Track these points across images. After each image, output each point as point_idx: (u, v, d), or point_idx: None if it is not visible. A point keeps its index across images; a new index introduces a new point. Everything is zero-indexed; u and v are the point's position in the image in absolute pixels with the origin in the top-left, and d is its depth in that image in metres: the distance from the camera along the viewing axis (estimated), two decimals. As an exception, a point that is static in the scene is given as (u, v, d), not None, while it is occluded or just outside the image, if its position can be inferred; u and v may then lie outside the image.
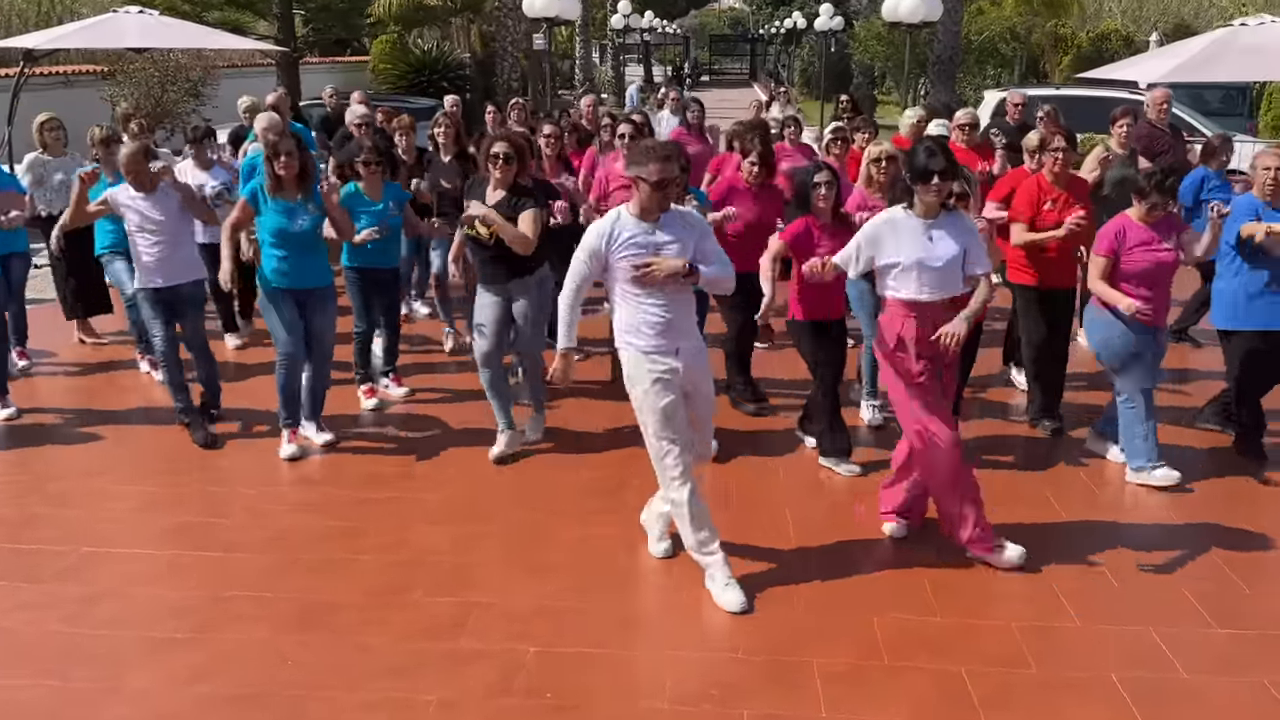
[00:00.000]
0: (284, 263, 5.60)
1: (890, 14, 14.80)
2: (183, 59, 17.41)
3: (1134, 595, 4.31)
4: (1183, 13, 29.85)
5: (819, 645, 3.93)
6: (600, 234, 4.16)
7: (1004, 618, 4.13)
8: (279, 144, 5.51)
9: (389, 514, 5.05)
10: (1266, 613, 4.18)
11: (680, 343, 4.20)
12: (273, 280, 5.64)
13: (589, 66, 28.51)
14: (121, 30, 10.99)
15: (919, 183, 4.29)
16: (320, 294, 5.73)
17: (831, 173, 5.37)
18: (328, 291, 5.77)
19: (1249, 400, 5.62)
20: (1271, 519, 5.00)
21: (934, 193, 4.28)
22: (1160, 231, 5.20)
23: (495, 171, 5.42)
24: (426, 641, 3.97)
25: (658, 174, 4.05)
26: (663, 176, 4.05)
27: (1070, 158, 5.83)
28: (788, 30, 39.68)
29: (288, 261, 5.59)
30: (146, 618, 4.13)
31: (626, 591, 4.37)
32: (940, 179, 4.24)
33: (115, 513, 5.09)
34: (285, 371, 5.69)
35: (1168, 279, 5.28)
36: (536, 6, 15.01)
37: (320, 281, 5.72)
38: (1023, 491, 5.28)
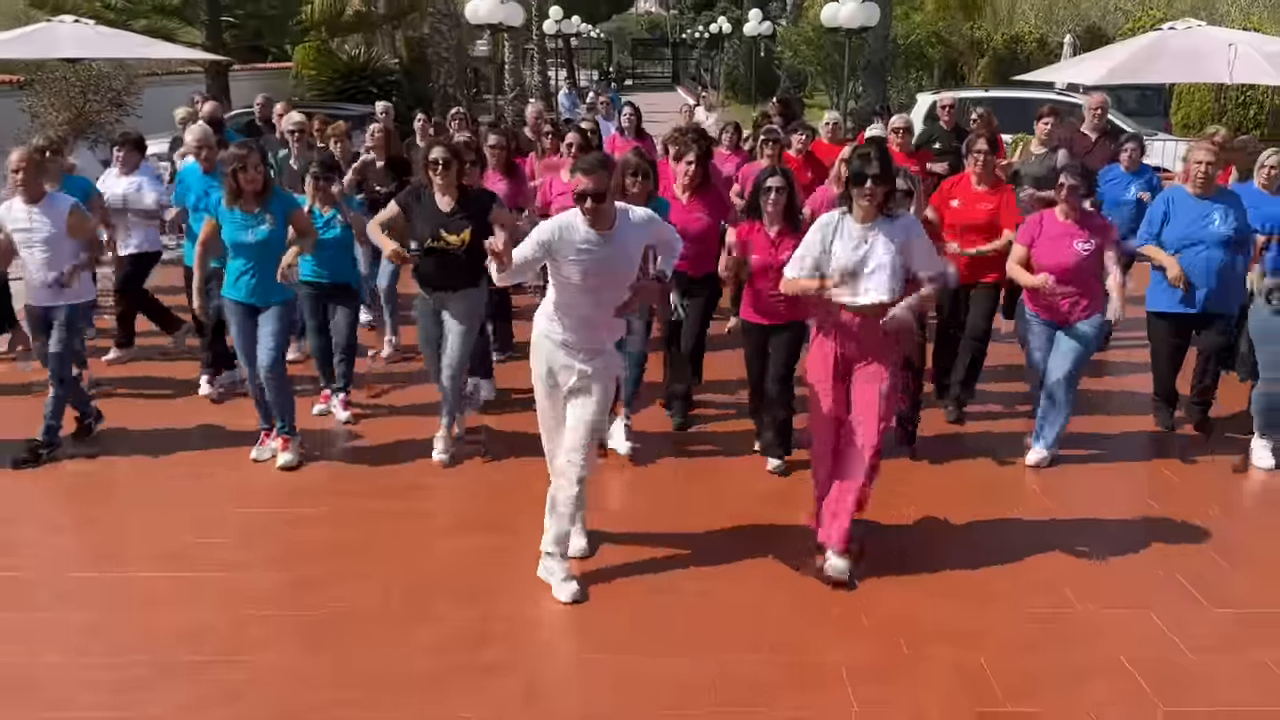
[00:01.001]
0: (242, 276, 5.55)
1: (830, 20, 15.09)
2: (105, 68, 16.91)
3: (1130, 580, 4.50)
4: (1091, 15, 30.86)
5: (842, 644, 4.04)
6: (553, 231, 4.17)
7: (1012, 608, 4.28)
8: (247, 158, 5.44)
9: (395, 528, 5.01)
10: (1252, 591, 4.40)
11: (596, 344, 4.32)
12: (231, 293, 5.60)
13: (519, 71, 28.39)
14: (56, 40, 10.71)
15: (854, 186, 4.33)
16: (273, 306, 5.60)
17: (785, 177, 5.41)
18: (285, 307, 5.66)
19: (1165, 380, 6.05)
20: (1236, 500, 5.27)
21: (867, 197, 4.31)
22: (1082, 228, 5.39)
23: (437, 179, 5.45)
24: (450, 655, 3.97)
25: (581, 185, 4.08)
26: (583, 189, 4.07)
27: (992, 160, 6.05)
28: (712, 35, 40.00)
29: (246, 275, 5.54)
30: (157, 643, 4.05)
31: (645, 597, 4.40)
32: (873, 183, 4.26)
33: (102, 537, 4.97)
34: (251, 386, 5.77)
35: (1086, 275, 5.43)
36: (480, 14, 14.96)
37: (280, 296, 5.63)
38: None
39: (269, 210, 5.48)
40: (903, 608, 4.27)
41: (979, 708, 3.65)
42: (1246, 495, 5.49)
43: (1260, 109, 20.10)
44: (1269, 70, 9.29)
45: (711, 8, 42.51)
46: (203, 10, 17.56)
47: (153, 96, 18.25)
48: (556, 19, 30.11)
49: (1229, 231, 5.67)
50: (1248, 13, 24.41)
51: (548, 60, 36.09)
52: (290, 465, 5.68)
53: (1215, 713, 3.63)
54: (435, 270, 5.54)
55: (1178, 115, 20.75)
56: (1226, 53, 9.33)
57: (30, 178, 5.57)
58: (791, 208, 5.38)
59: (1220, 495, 5.36)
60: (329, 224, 6.14)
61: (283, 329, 5.66)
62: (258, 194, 5.45)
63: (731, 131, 8.84)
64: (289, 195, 5.77)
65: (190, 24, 18.37)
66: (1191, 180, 5.82)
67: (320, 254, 6.05)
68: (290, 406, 5.76)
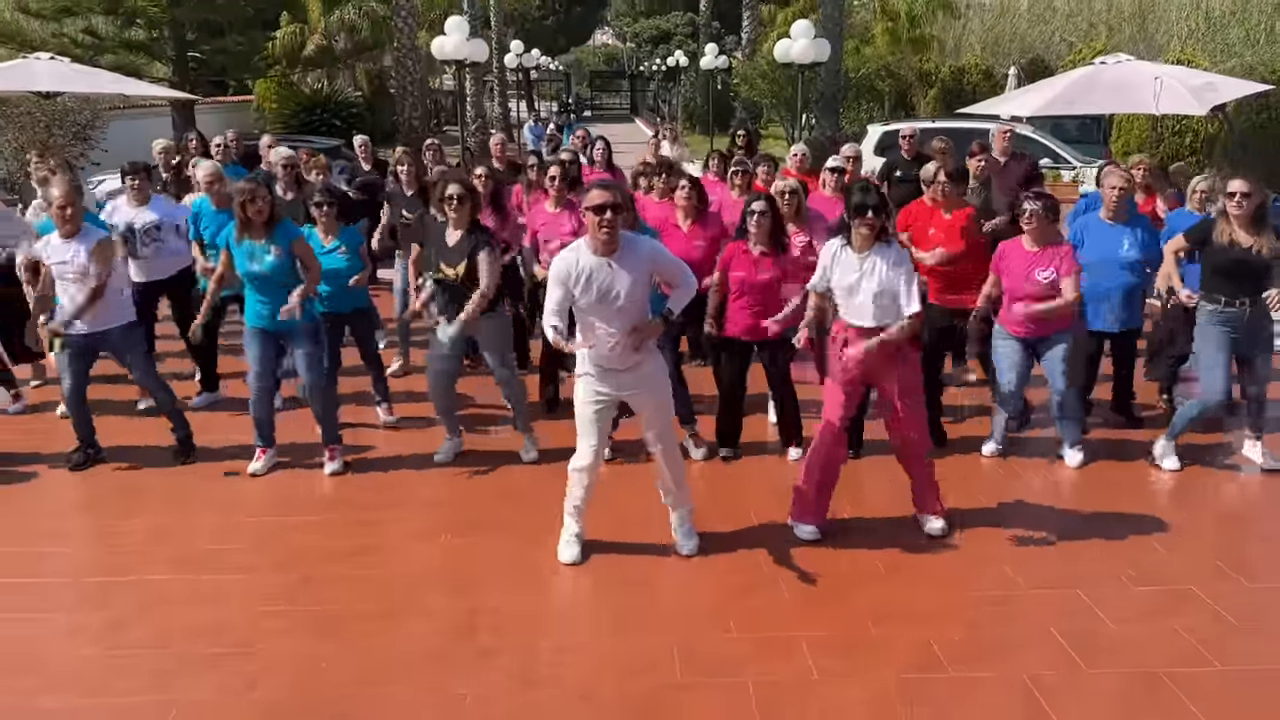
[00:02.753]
0: (258, 304, 5.91)
1: (783, 55, 15.70)
2: (70, 102, 17.13)
3: (1068, 562, 4.98)
4: (1036, 47, 31.93)
5: (804, 621, 4.47)
6: (566, 264, 4.50)
7: (962, 590, 4.74)
8: (255, 191, 5.81)
9: (392, 531, 5.38)
10: (1177, 570, 4.90)
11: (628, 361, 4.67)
12: (248, 319, 6.00)
13: (480, 103, 28.87)
14: (33, 75, 10.96)
15: (855, 218, 4.85)
16: (297, 332, 5.95)
17: (768, 201, 5.87)
18: (308, 328, 5.98)
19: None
20: (1167, 495, 5.79)
21: (867, 226, 4.83)
22: (1044, 258, 5.82)
23: (451, 213, 5.79)
24: (447, 641, 4.35)
25: (596, 199, 4.36)
26: (603, 202, 4.35)
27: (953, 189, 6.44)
28: (670, 67, 40.79)
29: (261, 303, 5.90)
30: (179, 635, 4.39)
31: (624, 587, 4.81)
32: (874, 214, 4.80)
33: (122, 545, 5.29)
34: (255, 399, 6.08)
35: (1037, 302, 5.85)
36: (447, 50, 15.37)
37: (296, 320, 5.90)
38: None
39: (274, 241, 5.84)
40: (867, 591, 4.71)
41: (929, 674, 4.09)
42: (1197, 489, 5.99)
43: (1196, 137, 21.00)
44: (1192, 102, 9.93)
45: (668, 41, 43.37)
46: (169, 46, 17.84)
47: (118, 130, 18.48)
48: (518, 53, 30.68)
49: (1137, 255, 6.21)
50: (1184, 44, 25.46)
51: (508, 92, 36.64)
52: (338, 472, 6.10)
53: (1132, 674, 4.10)
54: (445, 300, 5.87)
55: (1118, 143, 21.60)
56: (1153, 85, 9.97)
57: (76, 214, 5.92)
58: (776, 230, 5.84)
59: (1146, 490, 5.88)
60: (333, 252, 6.48)
61: (314, 348, 6.04)
62: (264, 225, 5.81)
63: (717, 160, 9.07)
64: (292, 225, 6.11)
65: (157, 59, 18.64)
66: (1106, 204, 6.33)
67: (331, 283, 6.41)
68: (334, 419, 6.24)
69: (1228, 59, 23.47)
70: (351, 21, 24.90)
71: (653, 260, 4.60)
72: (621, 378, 4.70)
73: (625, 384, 4.73)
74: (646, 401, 4.82)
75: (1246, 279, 5.67)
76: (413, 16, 20.57)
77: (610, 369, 4.68)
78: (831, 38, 18.01)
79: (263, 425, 6.16)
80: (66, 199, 5.84)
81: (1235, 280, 5.69)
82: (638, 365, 4.69)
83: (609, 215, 4.39)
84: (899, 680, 4.04)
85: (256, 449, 6.19)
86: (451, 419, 6.30)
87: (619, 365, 4.66)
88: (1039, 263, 5.80)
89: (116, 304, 6.11)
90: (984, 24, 35.41)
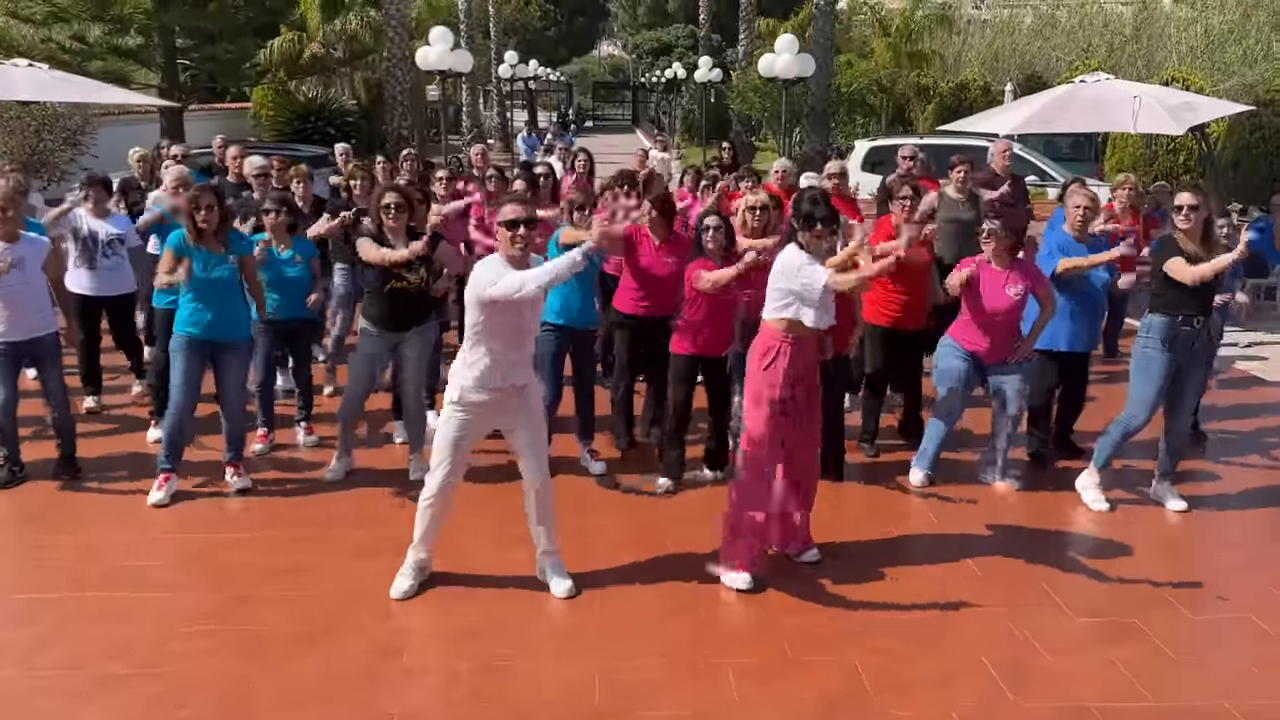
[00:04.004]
0: (199, 312, 5.77)
1: (767, 70, 15.66)
2: (60, 108, 17.14)
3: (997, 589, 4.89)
4: (1035, 65, 31.92)
5: (732, 647, 4.38)
6: (491, 274, 4.38)
7: (891, 614, 4.65)
8: (200, 198, 5.73)
9: (323, 551, 5.30)
10: (1118, 602, 4.81)
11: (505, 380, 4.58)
12: (187, 328, 5.79)
13: (477, 113, 28.91)
14: (11, 83, 10.94)
15: (805, 230, 4.78)
16: (234, 347, 5.89)
17: (721, 216, 5.85)
18: (242, 345, 5.95)
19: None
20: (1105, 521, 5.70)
21: (817, 239, 4.77)
22: (1014, 275, 5.85)
23: (389, 221, 5.69)
24: (372, 661, 4.27)
25: (509, 214, 4.39)
26: (516, 217, 4.34)
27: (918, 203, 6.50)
28: (669, 79, 40.84)
29: (204, 311, 5.77)
30: (97, 656, 4.32)
31: (550, 608, 4.74)
32: (822, 225, 4.73)
33: (51, 560, 5.21)
34: (173, 419, 5.83)
35: (1005, 320, 5.89)
36: (430, 60, 15.36)
37: (235, 334, 5.88)
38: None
39: (232, 252, 5.79)
40: (795, 617, 4.62)
41: (854, 703, 4.01)
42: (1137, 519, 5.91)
43: (1190, 155, 20.94)
44: (1170, 121, 9.89)
45: (669, 53, 43.42)
46: (159, 53, 17.84)
47: (108, 136, 18.48)
48: (512, 63, 30.75)
49: (1106, 274, 6.14)
50: (1182, 62, 25.42)
51: (506, 102, 36.74)
52: (246, 488, 5.96)
53: (1063, 709, 4.01)
54: (397, 309, 5.82)
55: (1111, 161, 21.56)
56: (1132, 104, 9.92)
57: (14, 215, 5.82)
58: (730, 245, 5.79)
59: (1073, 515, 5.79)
60: (289, 262, 6.42)
61: (246, 363, 6.02)
62: (216, 234, 5.73)
63: (692, 174, 9.19)
64: (243, 238, 6.05)
65: (146, 66, 18.64)
66: (1069, 222, 6.26)
67: (283, 291, 6.37)
68: (244, 435, 6.12)
69: (1227, 78, 23.41)
70: (352, 30, 24.92)
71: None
72: (502, 403, 4.61)
73: (505, 409, 4.63)
74: (522, 430, 4.70)
75: (1198, 295, 5.55)
76: (404, 26, 20.59)
77: (494, 390, 4.56)
78: (822, 52, 18.00)
79: (175, 445, 5.86)
80: (6, 201, 5.75)
81: (1190, 296, 5.56)
82: (522, 389, 4.62)
83: (522, 230, 4.35)
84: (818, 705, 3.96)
85: (160, 474, 5.85)
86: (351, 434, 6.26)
87: (501, 384, 4.55)
88: (1010, 280, 5.85)
89: (47, 311, 6.03)
90: (984, 40, 35.47)
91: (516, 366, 4.59)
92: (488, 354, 4.49)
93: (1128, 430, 5.74)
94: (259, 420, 6.68)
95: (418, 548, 4.87)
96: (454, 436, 4.62)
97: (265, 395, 6.68)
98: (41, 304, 5.98)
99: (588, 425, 6.43)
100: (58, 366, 6.14)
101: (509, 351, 4.50)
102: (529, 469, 4.74)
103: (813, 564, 5.13)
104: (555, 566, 4.89)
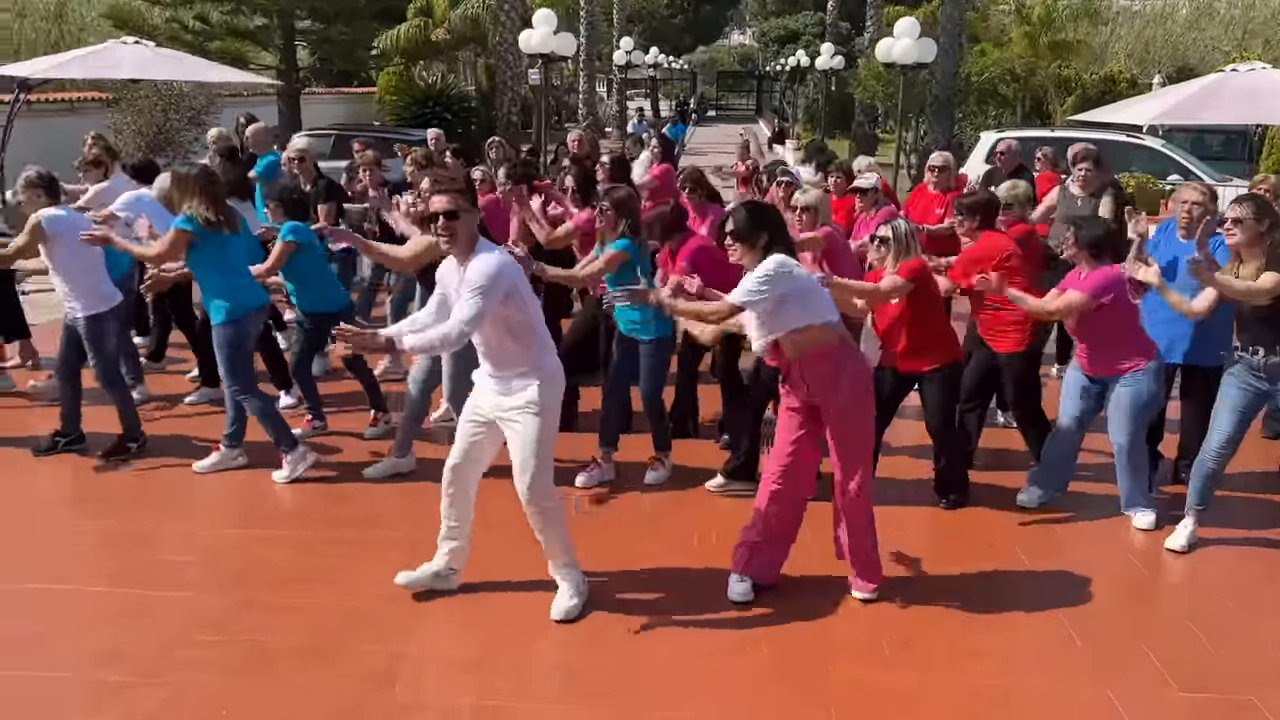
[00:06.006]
0: None
1: (884, 55, 14.84)
2: (185, 87, 17.54)
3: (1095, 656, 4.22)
4: (1188, 56, 29.98)
5: (768, 706, 3.84)
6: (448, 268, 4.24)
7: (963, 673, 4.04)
8: None
9: (349, 555, 4.97)
10: (1236, 674, 4.08)
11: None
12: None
13: (592, 101, 28.66)
14: (116, 61, 11.06)
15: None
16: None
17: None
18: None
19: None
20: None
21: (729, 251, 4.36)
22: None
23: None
24: (365, 692, 3.89)
25: (433, 205, 4.06)
26: (434, 209, 4.04)
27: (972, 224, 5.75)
28: (793, 68, 39.92)
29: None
30: (91, 660, 4.06)
31: (570, 641, 4.27)
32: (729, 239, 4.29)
33: (76, 548, 5.03)
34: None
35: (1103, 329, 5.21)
36: (533, 43, 15.09)
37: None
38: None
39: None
40: (848, 667, 4.06)
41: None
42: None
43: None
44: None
45: (796, 41, 42.37)
46: (276, 35, 18.06)
47: (231, 116, 18.85)
48: (627, 50, 30.30)
49: None
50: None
51: (627, 91, 36.43)
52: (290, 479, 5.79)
53: None
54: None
55: (1269, 161, 19.93)
56: (1289, 95, 8.91)
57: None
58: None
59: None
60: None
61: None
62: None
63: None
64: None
65: (264, 48, 18.92)
66: (1177, 222, 5.56)
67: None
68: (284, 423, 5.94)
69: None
70: (474, 14, 24.89)
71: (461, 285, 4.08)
72: (498, 396, 4.24)
73: (501, 405, 4.23)
74: (512, 432, 4.24)
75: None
76: (515, 11, 20.39)
77: (491, 377, 4.27)
78: (949, 39, 17.04)
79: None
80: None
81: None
82: (509, 382, 4.20)
83: (441, 222, 4.03)
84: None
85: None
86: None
87: (491, 374, 4.26)
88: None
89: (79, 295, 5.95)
90: (1133, 30, 33.48)
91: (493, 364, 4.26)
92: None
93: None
94: (305, 406, 6.54)
95: (440, 552, 4.58)
96: (463, 420, 4.44)
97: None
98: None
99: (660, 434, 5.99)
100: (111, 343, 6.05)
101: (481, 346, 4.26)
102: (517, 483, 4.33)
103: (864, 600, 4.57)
104: (559, 582, 4.48)
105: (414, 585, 4.55)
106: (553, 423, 4.27)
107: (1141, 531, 5.32)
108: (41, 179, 5.90)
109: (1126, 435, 5.24)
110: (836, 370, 4.28)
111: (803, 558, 4.83)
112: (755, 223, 4.25)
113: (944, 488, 5.60)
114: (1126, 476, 5.39)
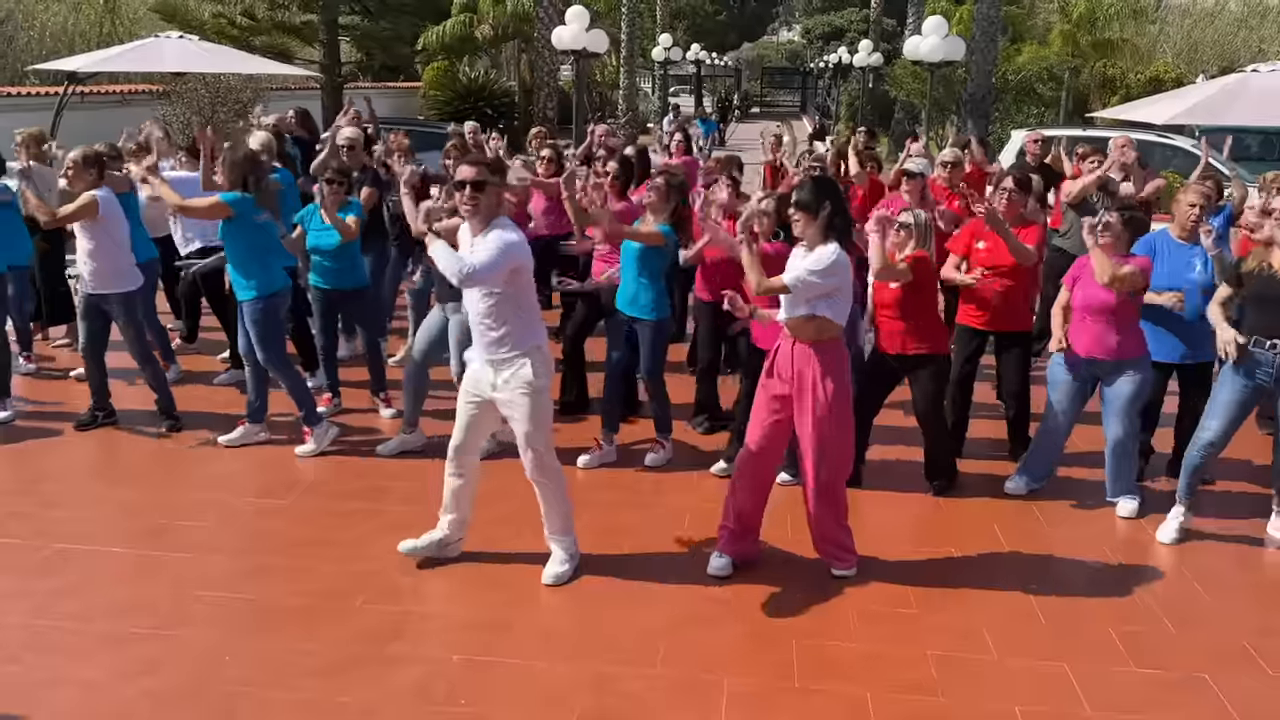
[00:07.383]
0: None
1: (911, 53, 14.89)
2: (233, 81, 18.02)
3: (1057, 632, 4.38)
4: (1239, 56, 29.43)
5: (734, 665, 4.06)
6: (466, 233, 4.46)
7: (917, 648, 4.22)
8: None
9: (356, 524, 5.26)
10: (1193, 653, 4.22)
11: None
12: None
13: (633, 96, 28.82)
14: (161, 55, 11.46)
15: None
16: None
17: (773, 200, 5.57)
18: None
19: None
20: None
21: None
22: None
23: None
24: (361, 645, 4.16)
25: (460, 175, 4.27)
26: (461, 177, 4.26)
27: (1018, 199, 5.90)
28: (835, 65, 39.82)
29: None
30: (108, 613, 4.37)
31: (560, 606, 4.53)
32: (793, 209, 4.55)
33: (100, 514, 5.36)
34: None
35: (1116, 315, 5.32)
36: (565, 40, 15.30)
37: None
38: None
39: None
40: (811, 640, 4.26)
41: (848, 742, 3.63)
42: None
43: None
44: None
45: (841, 38, 42.27)
46: (321, 30, 18.47)
47: (277, 109, 19.28)
48: (666, 46, 30.40)
49: (1209, 279, 5.45)
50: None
51: (673, 87, 36.55)
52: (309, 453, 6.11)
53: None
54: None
55: (1306, 161, 19.63)
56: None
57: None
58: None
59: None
60: (330, 229, 6.43)
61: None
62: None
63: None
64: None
65: (309, 43, 19.34)
66: (1180, 222, 5.62)
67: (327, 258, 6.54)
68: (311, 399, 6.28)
69: None
70: (526, 11, 25.20)
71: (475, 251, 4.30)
72: (493, 376, 4.47)
73: (497, 385, 4.47)
74: (514, 412, 4.50)
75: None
76: (553, 7, 20.64)
77: (485, 360, 4.50)
78: (984, 36, 16.99)
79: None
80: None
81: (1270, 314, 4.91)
82: (506, 363, 4.43)
83: (467, 190, 4.26)
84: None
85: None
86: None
87: (485, 354, 4.48)
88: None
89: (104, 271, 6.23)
90: (1181, 29, 32.94)
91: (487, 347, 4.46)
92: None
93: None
94: (324, 384, 6.86)
95: (441, 522, 4.84)
96: (460, 400, 4.68)
97: (326, 358, 6.84)
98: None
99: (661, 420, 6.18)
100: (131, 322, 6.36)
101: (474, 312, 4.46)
102: (524, 462, 4.61)
103: (841, 577, 4.76)
104: (553, 549, 4.76)
105: (416, 553, 4.83)
106: (548, 399, 4.56)
107: (1124, 519, 5.45)
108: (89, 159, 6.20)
109: (1124, 428, 5.38)
110: (834, 363, 4.52)
111: (782, 536, 5.05)
112: (820, 194, 4.48)
113: (932, 473, 5.77)
114: (1115, 466, 5.52)
